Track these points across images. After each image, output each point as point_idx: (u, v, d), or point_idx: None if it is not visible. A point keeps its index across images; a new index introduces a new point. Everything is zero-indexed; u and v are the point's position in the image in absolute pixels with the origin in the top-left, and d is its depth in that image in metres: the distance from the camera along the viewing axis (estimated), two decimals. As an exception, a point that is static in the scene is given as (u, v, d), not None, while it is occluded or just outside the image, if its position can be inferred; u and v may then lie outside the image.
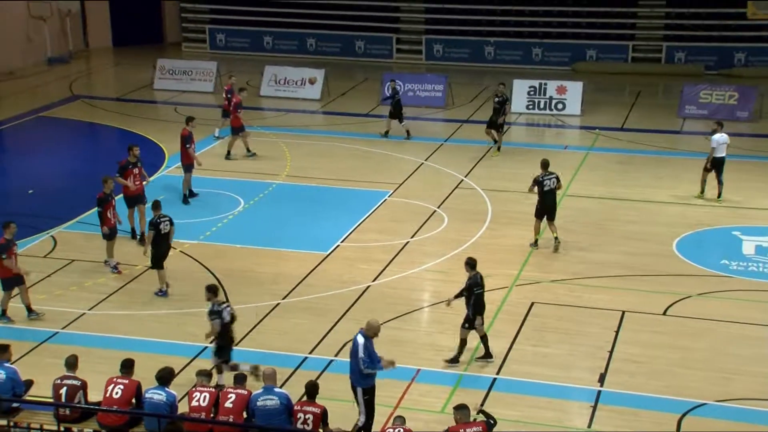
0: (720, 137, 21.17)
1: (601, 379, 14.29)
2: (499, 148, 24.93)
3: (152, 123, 27.88)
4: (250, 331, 15.57)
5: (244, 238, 19.42)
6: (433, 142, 26.24)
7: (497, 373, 14.42)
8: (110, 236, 17.63)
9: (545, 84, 29.47)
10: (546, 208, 18.72)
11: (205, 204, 21.23)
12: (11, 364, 12.48)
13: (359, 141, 26.17)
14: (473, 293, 14.45)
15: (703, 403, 13.67)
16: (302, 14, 37.33)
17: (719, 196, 21.44)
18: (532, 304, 16.65)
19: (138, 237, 19.00)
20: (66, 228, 19.89)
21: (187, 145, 21.02)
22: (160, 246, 16.75)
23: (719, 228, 20.16)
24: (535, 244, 18.94)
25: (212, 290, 13.85)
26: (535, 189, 18.70)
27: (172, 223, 16.82)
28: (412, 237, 19.53)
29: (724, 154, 21.22)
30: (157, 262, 16.85)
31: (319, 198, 21.95)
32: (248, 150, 24.38)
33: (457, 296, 14.72)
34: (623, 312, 16.34)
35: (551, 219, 18.82)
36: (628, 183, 22.85)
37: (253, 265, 18.22)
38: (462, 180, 22.97)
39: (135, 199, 18.93)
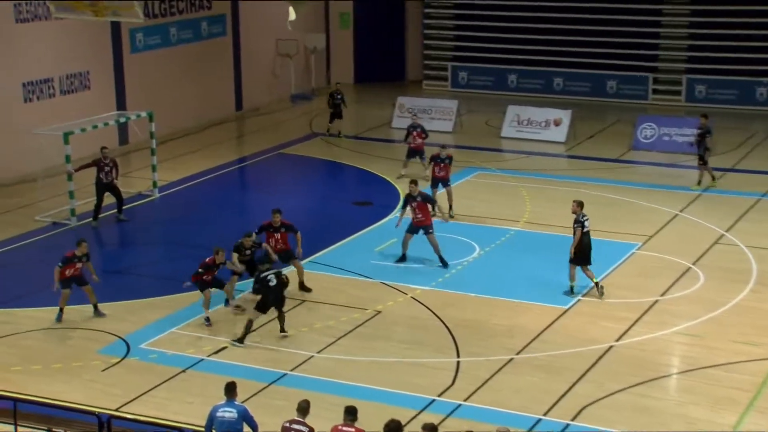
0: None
1: None
2: (713, 177, 24.74)
3: (387, 162, 27.52)
4: (482, 385, 14.83)
5: (478, 286, 18.66)
6: (690, 192, 24.41)
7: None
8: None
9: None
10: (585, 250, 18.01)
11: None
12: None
13: (606, 188, 24.70)
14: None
15: None
16: (549, 51, 36.00)
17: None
18: (806, 380, 14.75)
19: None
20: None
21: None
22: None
23: None
24: (571, 291, 18.09)
25: None
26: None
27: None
28: (662, 295, 18.14)
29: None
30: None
31: (559, 247, 20.64)
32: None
33: None
34: None
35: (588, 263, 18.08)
36: None
37: (486, 315, 17.45)
38: (723, 235, 21.21)
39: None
